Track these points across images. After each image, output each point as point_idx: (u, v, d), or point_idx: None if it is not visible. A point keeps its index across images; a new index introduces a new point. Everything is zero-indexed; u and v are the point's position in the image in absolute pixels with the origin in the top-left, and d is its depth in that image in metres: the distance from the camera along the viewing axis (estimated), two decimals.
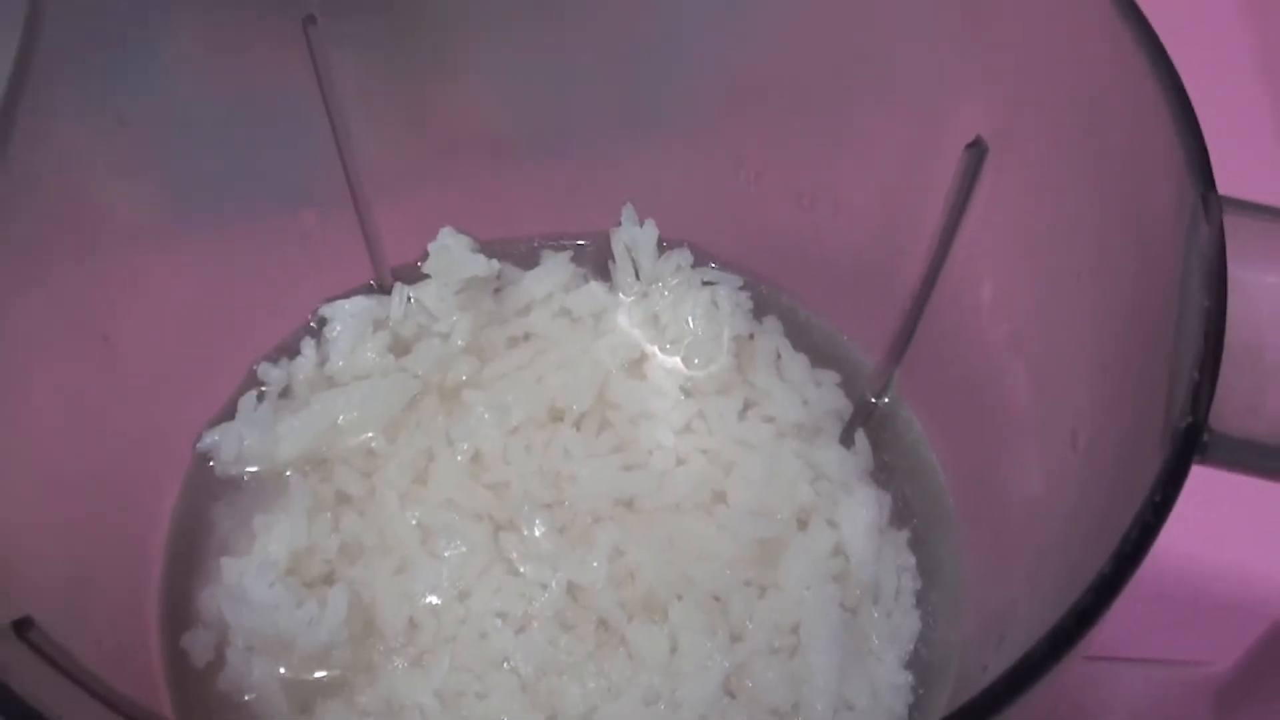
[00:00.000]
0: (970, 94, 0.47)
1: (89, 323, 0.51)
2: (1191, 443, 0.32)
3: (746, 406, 0.57)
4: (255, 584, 0.51)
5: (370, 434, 0.56)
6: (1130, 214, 0.39)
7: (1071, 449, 0.42)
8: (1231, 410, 0.33)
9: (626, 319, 0.60)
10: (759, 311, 0.60)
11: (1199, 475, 0.58)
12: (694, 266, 0.60)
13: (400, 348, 0.59)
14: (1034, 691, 0.30)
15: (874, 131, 0.53)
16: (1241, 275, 0.34)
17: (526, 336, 0.59)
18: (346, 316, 0.59)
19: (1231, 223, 0.35)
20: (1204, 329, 0.33)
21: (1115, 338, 0.40)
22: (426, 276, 0.59)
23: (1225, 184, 0.35)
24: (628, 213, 0.60)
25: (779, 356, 0.59)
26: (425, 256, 0.59)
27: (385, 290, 0.60)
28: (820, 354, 0.59)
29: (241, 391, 0.58)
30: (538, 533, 0.53)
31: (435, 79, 0.58)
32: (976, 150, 0.47)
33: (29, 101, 0.44)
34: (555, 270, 0.60)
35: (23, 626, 0.38)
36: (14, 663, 0.36)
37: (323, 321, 0.60)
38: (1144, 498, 0.31)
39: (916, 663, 0.52)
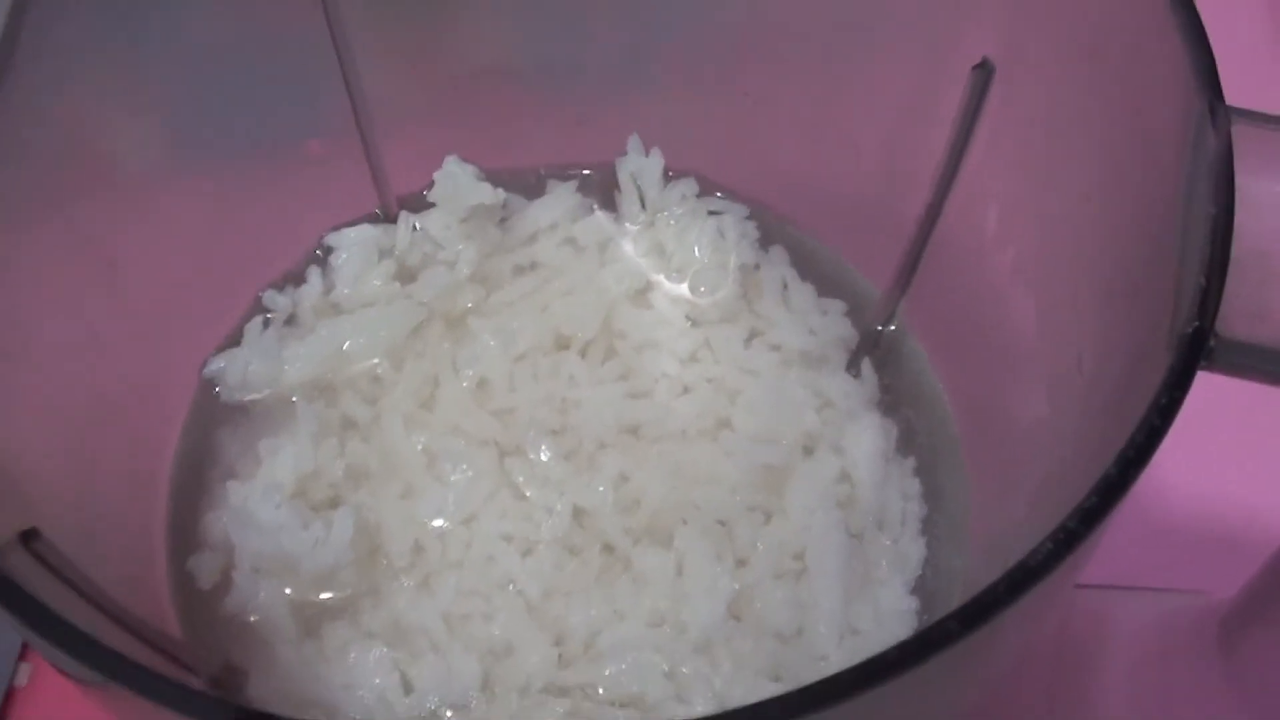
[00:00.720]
0: (977, 14, 0.47)
1: (97, 251, 0.51)
2: (1198, 347, 0.32)
3: (752, 335, 0.57)
4: (261, 506, 0.51)
5: (376, 360, 0.56)
6: (1137, 129, 0.39)
7: (1076, 372, 0.42)
8: (1237, 317, 0.33)
9: (632, 248, 0.60)
10: (765, 241, 0.60)
11: (1204, 409, 0.59)
12: (699, 196, 0.60)
13: (406, 276, 0.59)
14: (1035, 596, 0.30)
15: (880, 57, 0.53)
16: (1249, 185, 0.34)
17: (532, 265, 0.59)
18: (352, 245, 0.59)
19: (1239, 132, 0.35)
20: (1211, 234, 0.33)
21: (1121, 257, 0.40)
22: (432, 205, 0.59)
23: (1232, 95, 0.35)
24: (633, 142, 0.60)
25: (785, 286, 0.59)
26: (431, 185, 0.59)
27: (391, 219, 0.60)
28: (827, 283, 0.59)
29: (248, 319, 0.58)
30: (544, 458, 0.53)
31: (442, 9, 0.58)
32: (983, 71, 0.47)
33: (32, 35, 0.44)
34: (561, 199, 0.60)
35: (29, 537, 0.38)
36: (22, 571, 0.36)
37: (328, 250, 0.59)
38: (1149, 402, 0.31)
39: (922, 588, 0.52)
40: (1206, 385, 0.42)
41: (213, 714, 0.28)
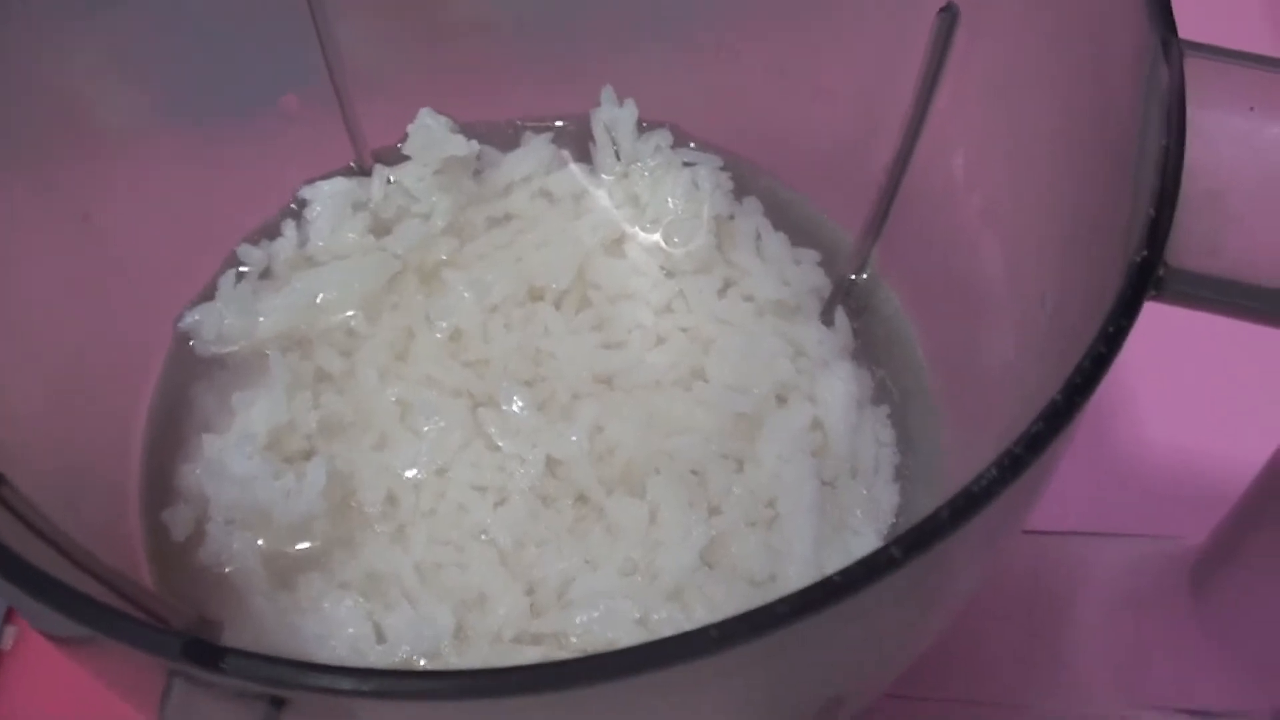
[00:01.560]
0: None
1: (71, 206, 0.51)
2: (1145, 276, 0.32)
3: (726, 285, 0.57)
4: (234, 457, 0.51)
5: (350, 313, 0.56)
6: (1095, 67, 0.39)
7: (1041, 312, 0.42)
8: (1191, 253, 0.34)
9: (607, 199, 0.60)
10: (739, 191, 0.60)
11: (1178, 359, 0.59)
12: (674, 147, 0.60)
13: (380, 228, 0.59)
14: (980, 524, 0.30)
15: (849, 4, 0.53)
16: (1204, 120, 0.34)
17: (507, 217, 0.59)
18: (326, 198, 0.59)
19: (1194, 66, 0.35)
20: (1161, 166, 0.33)
21: (1082, 196, 0.40)
22: (407, 158, 0.59)
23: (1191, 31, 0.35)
24: (607, 93, 0.60)
25: (759, 236, 0.59)
26: (405, 138, 0.59)
27: (365, 172, 0.60)
28: (800, 233, 0.59)
29: (222, 272, 0.58)
30: (517, 408, 0.53)
31: None
32: (948, 14, 0.47)
33: None
34: (536, 151, 0.60)
35: None
36: None
37: (303, 203, 0.60)
38: (1097, 331, 0.31)
39: (895, 535, 0.52)
40: (1180, 335, 0.43)
41: (170, 648, 0.28)
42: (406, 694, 0.27)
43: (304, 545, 0.51)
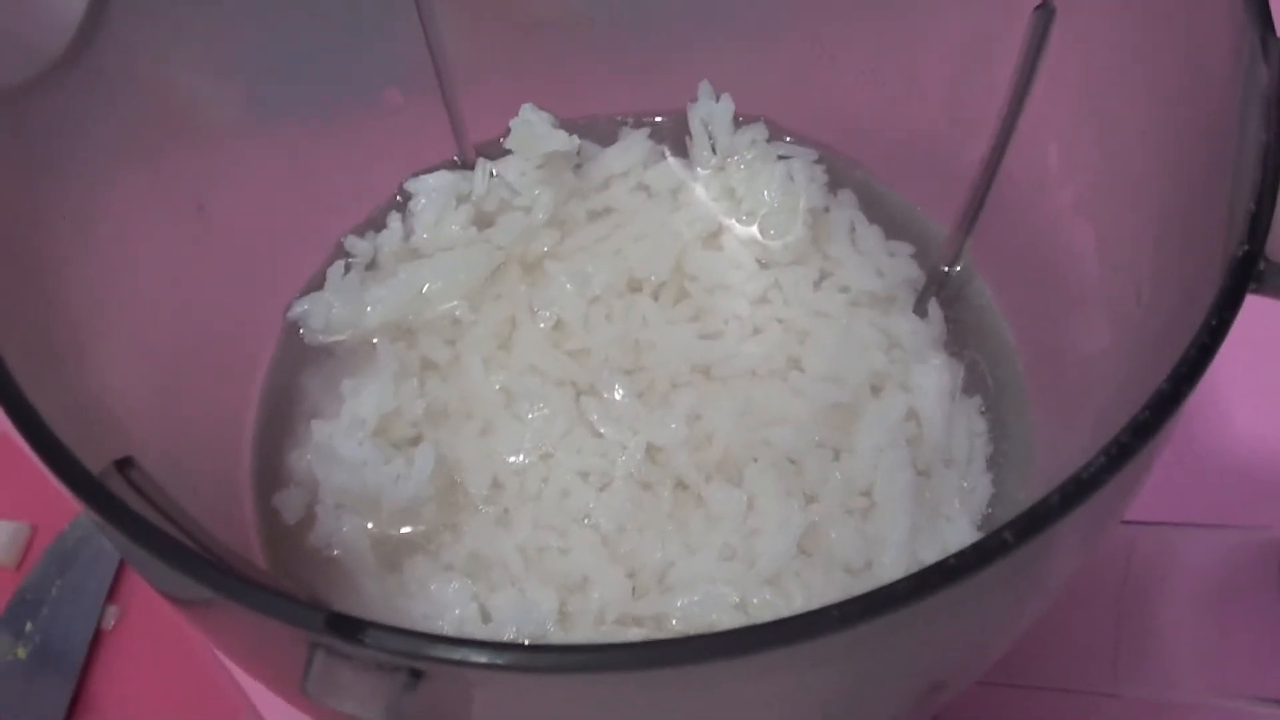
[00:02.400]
0: None
1: (186, 200, 0.53)
2: (1247, 270, 0.33)
3: (822, 277, 0.58)
4: (345, 442, 0.53)
5: (454, 303, 0.58)
6: (1191, 64, 0.40)
7: (1135, 303, 0.43)
8: None
9: (703, 192, 0.61)
10: (834, 184, 0.61)
11: (1265, 353, 0.59)
12: (769, 140, 0.61)
13: (483, 221, 0.60)
14: (1088, 510, 0.31)
15: (945, 2, 0.54)
16: None
17: (606, 210, 0.61)
18: (431, 191, 0.60)
19: None
20: (1261, 161, 0.34)
21: (1177, 189, 0.41)
22: (509, 153, 0.60)
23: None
24: (704, 88, 0.61)
25: (853, 228, 0.59)
26: (507, 133, 0.60)
27: (468, 166, 0.62)
28: (894, 225, 0.60)
29: (330, 263, 0.59)
30: (618, 396, 0.54)
31: None
32: (1045, 12, 0.48)
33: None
34: (634, 146, 0.62)
35: (124, 465, 0.40)
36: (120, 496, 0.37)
37: (408, 196, 0.61)
38: (1201, 321, 0.32)
39: (989, 524, 0.53)
40: (1265, 325, 0.43)
41: (314, 621, 0.29)
42: (538, 668, 0.29)
43: (411, 529, 0.53)
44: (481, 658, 0.28)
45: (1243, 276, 0.33)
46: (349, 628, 0.29)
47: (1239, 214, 0.34)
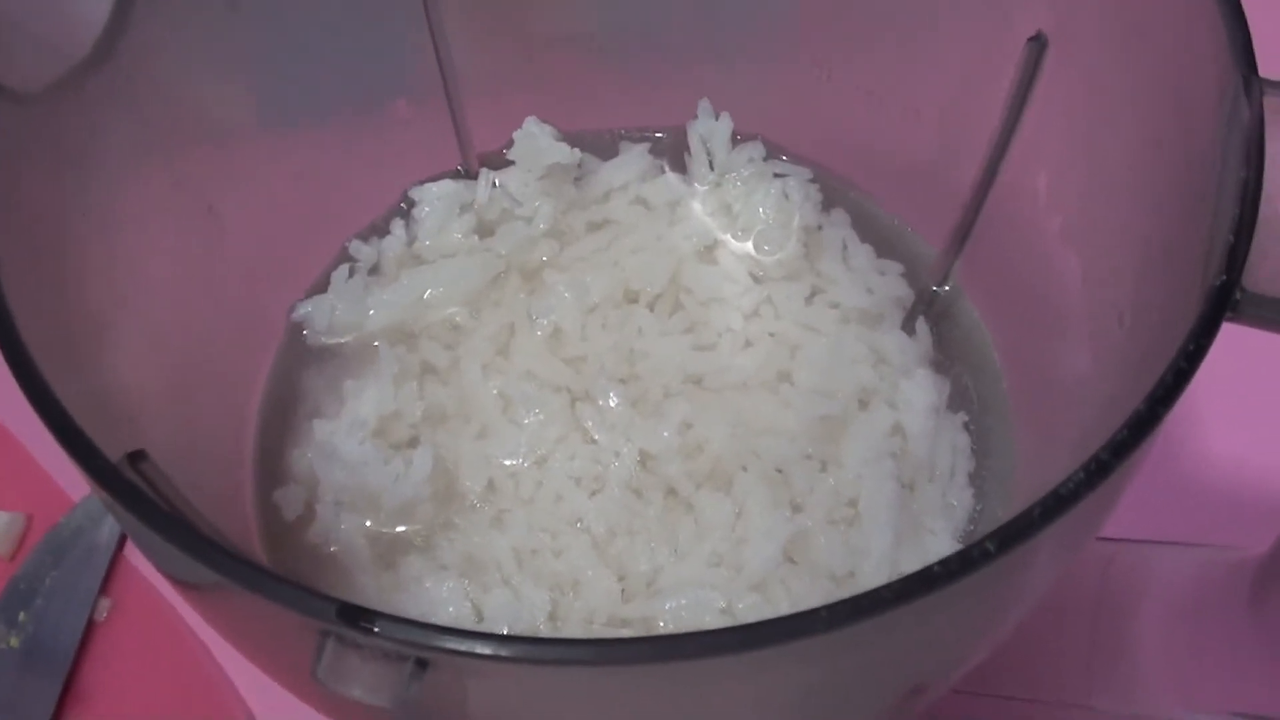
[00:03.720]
0: None
1: (198, 200, 0.54)
2: (1224, 298, 0.34)
3: (813, 293, 0.60)
4: (345, 441, 0.54)
5: (455, 309, 0.59)
6: (1177, 100, 0.41)
7: (1118, 328, 0.44)
8: (1265, 275, 0.36)
9: (700, 207, 0.62)
10: (827, 203, 0.62)
11: (1241, 377, 0.60)
12: (766, 159, 0.62)
13: (485, 229, 0.61)
14: (1067, 524, 0.32)
15: (941, 29, 0.55)
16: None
17: (605, 222, 0.62)
18: (434, 199, 0.62)
19: (1274, 103, 0.37)
20: (1240, 196, 0.35)
21: (1161, 221, 0.42)
22: (511, 163, 0.62)
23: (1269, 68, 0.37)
24: (704, 106, 0.62)
25: (845, 246, 0.61)
26: (511, 144, 0.62)
27: (472, 175, 0.63)
28: (885, 245, 0.61)
29: (335, 266, 0.60)
30: (612, 404, 0.56)
31: None
32: (1037, 44, 0.49)
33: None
34: (634, 160, 0.63)
35: (137, 458, 0.41)
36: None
37: (411, 203, 0.62)
38: (1178, 346, 0.33)
39: (970, 539, 0.54)
40: (1242, 353, 0.45)
41: (326, 611, 0.30)
42: (543, 660, 0.30)
43: (407, 528, 0.54)
44: (486, 649, 0.29)
45: (1219, 305, 0.34)
46: (359, 617, 0.30)
47: (1218, 246, 0.35)
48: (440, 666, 0.31)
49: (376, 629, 0.30)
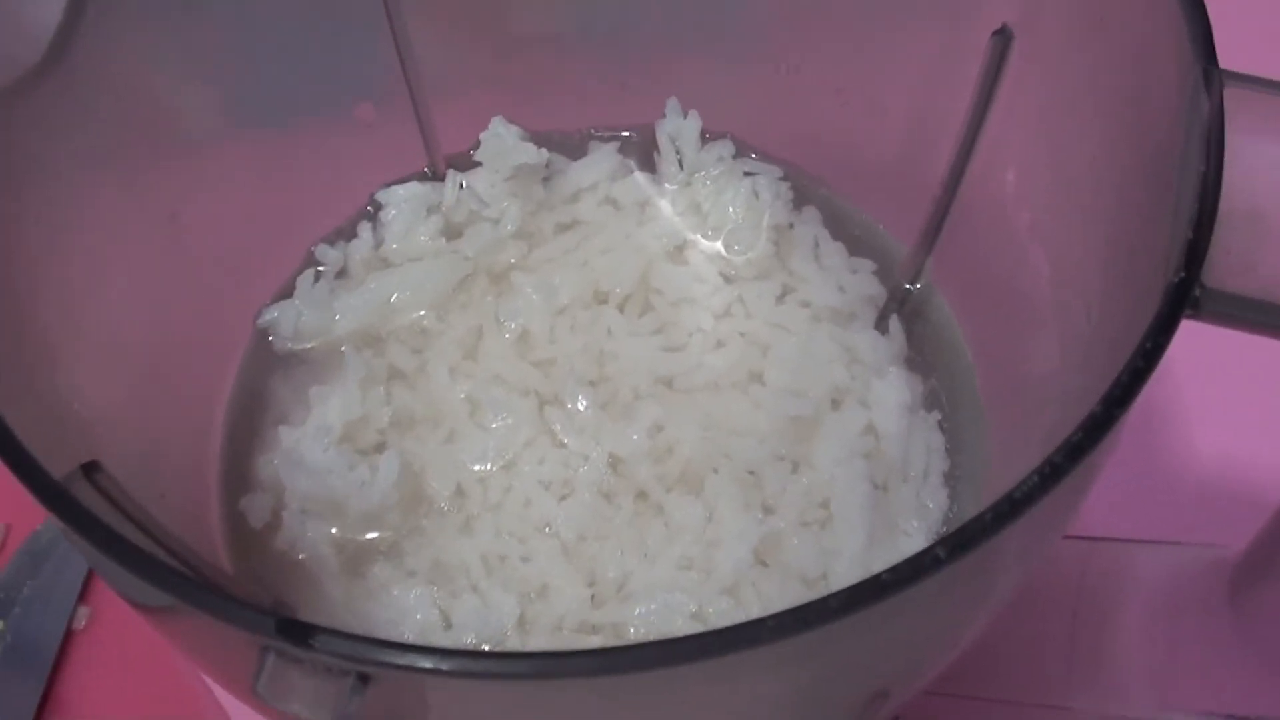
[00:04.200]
0: None
1: (158, 207, 0.53)
2: (1182, 295, 0.33)
3: (784, 292, 0.59)
4: (311, 448, 0.53)
5: (422, 312, 0.58)
6: (1140, 94, 0.41)
7: (1086, 325, 0.44)
8: (1228, 271, 0.35)
9: (670, 207, 0.61)
10: (798, 201, 0.62)
11: (1220, 373, 0.60)
12: (735, 157, 0.62)
13: (452, 232, 0.61)
14: (1021, 528, 0.31)
15: (907, 24, 0.55)
16: (1242, 145, 0.36)
17: (574, 223, 0.61)
18: (401, 201, 0.61)
19: (1234, 95, 0.36)
20: (1199, 191, 0.34)
21: (1125, 216, 0.41)
22: (479, 165, 0.61)
23: (1233, 62, 0.37)
24: (672, 105, 0.62)
25: (817, 245, 0.60)
26: (478, 145, 0.61)
27: (439, 177, 0.63)
28: (857, 243, 0.61)
29: (300, 271, 0.60)
30: (581, 407, 0.55)
31: None
32: (1002, 38, 0.49)
33: (97, 3, 0.46)
34: (602, 160, 0.62)
35: (90, 469, 0.40)
36: (85, 501, 0.38)
37: (378, 206, 0.62)
38: (1135, 346, 0.33)
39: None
40: (1221, 350, 0.44)
41: (265, 626, 0.30)
42: (483, 674, 0.29)
43: (375, 534, 0.53)
44: (427, 663, 0.29)
45: (1177, 303, 0.33)
46: (298, 632, 0.29)
47: (1178, 240, 0.34)
48: (382, 681, 0.30)
49: (315, 643, 0.29)
